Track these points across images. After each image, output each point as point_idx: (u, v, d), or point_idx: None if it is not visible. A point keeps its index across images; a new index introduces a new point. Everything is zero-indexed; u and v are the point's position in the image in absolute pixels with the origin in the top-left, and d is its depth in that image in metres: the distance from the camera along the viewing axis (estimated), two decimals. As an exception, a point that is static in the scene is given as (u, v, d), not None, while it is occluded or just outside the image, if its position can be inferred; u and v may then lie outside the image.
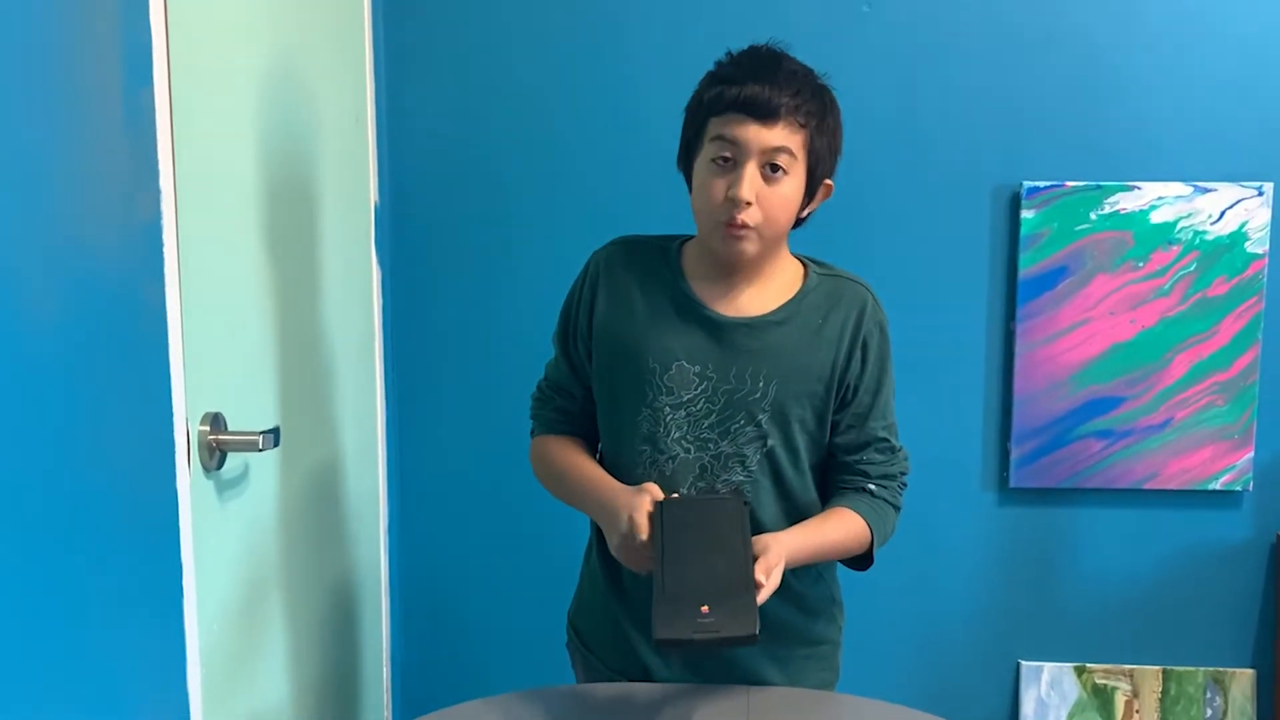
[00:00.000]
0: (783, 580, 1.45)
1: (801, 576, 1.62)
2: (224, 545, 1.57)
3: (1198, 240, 2.35)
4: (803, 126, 1.50)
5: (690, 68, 1.60)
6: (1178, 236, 2.35)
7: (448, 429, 2.50)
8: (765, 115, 1.48)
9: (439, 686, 2.54)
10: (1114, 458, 2.42)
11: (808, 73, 1.54)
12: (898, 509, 1.64)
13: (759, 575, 1.39)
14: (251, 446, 1.54)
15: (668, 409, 1.57)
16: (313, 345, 1.97)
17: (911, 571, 2.47)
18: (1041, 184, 2.35)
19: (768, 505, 1.59)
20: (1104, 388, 2.40)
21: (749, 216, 1.50)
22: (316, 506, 2.00)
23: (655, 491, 1.50)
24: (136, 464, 1.31)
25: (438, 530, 2.53)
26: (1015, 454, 2.43)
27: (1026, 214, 2.35)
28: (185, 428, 1.40)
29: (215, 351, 1.53)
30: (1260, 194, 2.34)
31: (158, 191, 1.32)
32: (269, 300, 1.75)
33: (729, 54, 1.57)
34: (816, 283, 1.61)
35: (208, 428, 1.49)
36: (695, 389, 1.57)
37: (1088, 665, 2.50)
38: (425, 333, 2.48)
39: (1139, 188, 2.34)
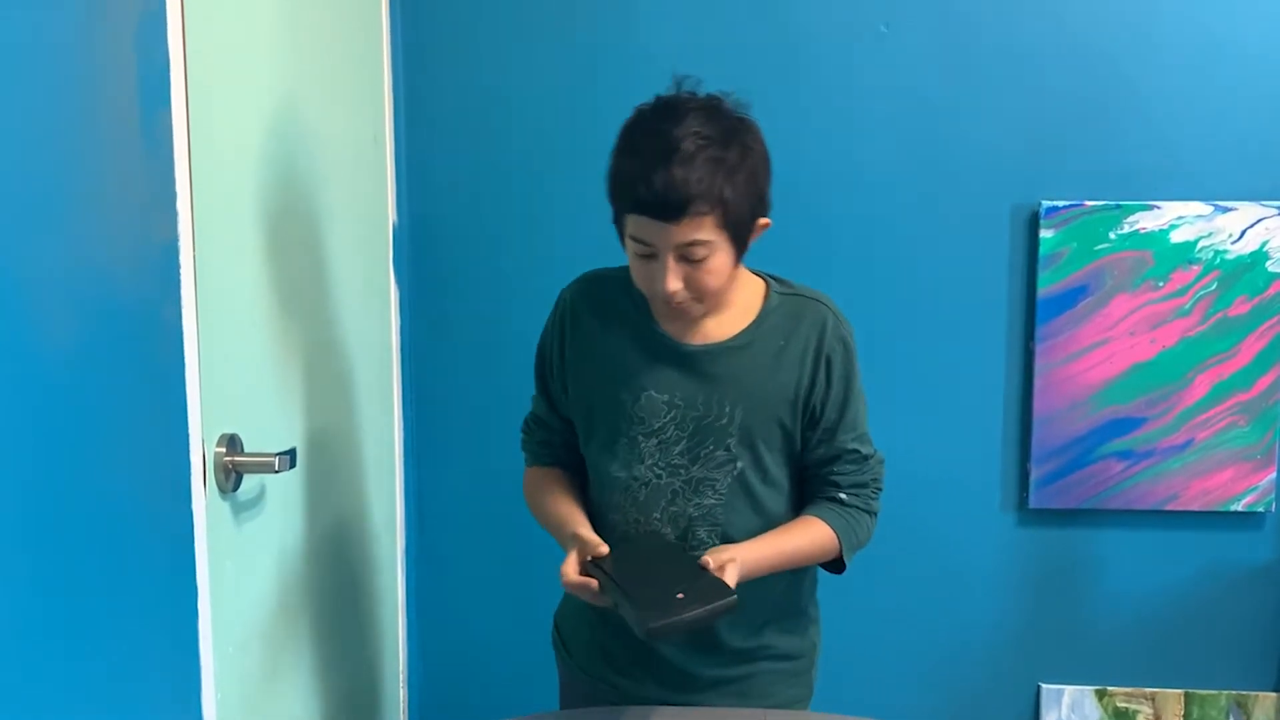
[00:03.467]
0: (751, 588, 1.50)
1: (771, 586, 1.63)
2: (240, 567, 1.57)
3: (1218, 260, 2.33)
4: (710, 211, 1.45)
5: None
6: (1198, 256, 2.33)
7: (466, 449, 2.50)
8: (668, 216, 1.44)
9: (456, 709, 2.53)
10: (1135, 479, 2.40)
11: (709, 138, 1.46)
12: (873, 514, 1.67)
13: (705, 559, 1.47)
14: (268, 468, 1.54)
15: (640, 438, 1.61)
16: (330, 366, 1.97)
17: (930, 593, 2.45)
18: (1060, 203, 2.34)
19: (741, 525, 1.61)
20: (1124, 408, 2.38)
21: (680, 298, 1.52)
22: (333, 528, 1.99)
23: (591, 545, 1.52)
24: (152, 485, 1.30)
25: (456, 550, 2.53)
26: (1035, 474, 2.41)
27: (1045, 233, 2.34)
28: (201, 449, 1.40)
29: (232, 373, 1.53)
30: (1281, 213, 2.32)
31: (175, 213, 1.32)
32: (286, 321, 1.75)
33: (633, 123, 1.53)
34: (777, 303, 1.63)
35: (224, 449, 1.49)
36: (664, 417, 1.60)
37: (1109, 688, 2.47)
38: (443, 353, 2.48)
39: (1159, 207, 2.33)
